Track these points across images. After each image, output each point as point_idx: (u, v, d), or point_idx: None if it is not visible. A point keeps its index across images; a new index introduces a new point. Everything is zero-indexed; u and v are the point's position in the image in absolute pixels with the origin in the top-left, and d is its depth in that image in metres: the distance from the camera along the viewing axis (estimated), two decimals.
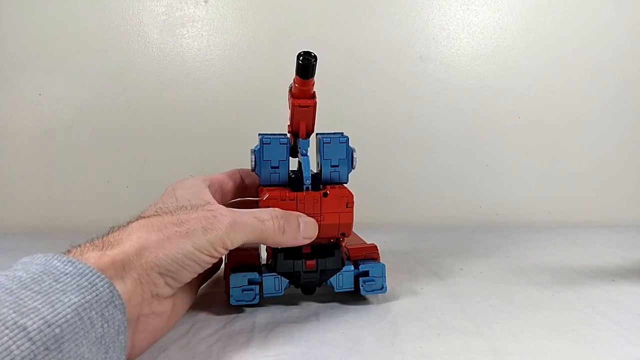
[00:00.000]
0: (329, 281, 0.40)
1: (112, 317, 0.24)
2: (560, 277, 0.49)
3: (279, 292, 0.39)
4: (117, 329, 0.24)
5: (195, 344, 0.33)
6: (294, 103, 0.37)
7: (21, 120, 0.78)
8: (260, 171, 0.39)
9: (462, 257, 0.57)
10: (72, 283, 0.23)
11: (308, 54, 0.35)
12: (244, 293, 0.38)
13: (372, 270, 0.41)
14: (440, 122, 0.82)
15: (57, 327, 0.21)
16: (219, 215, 0.31)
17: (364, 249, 0.43)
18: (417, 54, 0.81)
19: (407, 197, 0.82)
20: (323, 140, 0.39)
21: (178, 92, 0.80)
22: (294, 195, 0.38)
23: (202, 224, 0.30)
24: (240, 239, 0.32)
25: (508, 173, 0.83)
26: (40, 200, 0.78)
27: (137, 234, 0.28)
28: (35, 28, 0.77)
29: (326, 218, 0.39)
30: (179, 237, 0.29)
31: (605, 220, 0.80)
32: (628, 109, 0.83)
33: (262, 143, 0.39)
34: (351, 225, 0.40)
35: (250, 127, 0.52)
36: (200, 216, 0.31)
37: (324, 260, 0.40)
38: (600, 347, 0.32)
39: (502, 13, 0.81)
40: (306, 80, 0.36)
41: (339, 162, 0.40)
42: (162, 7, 0.79)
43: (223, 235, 0.31)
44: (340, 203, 0.39)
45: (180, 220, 0.30)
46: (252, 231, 0.33)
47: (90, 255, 0.26)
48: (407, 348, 0.32)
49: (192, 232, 0.30)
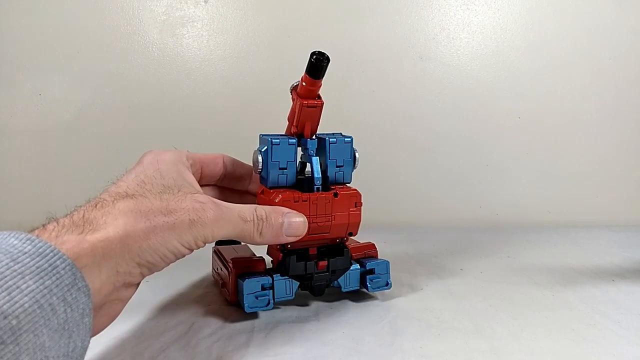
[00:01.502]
0: (337, 281, 0.41)
1: (76, 300, 0.23)
2: (560, 277, 0.49)
3: (290, 295, 0.39)
4: (81, 313, 0.23)
5: (195, 344, 0.33)
6: (302, 103, 0.37)
7: (21, 120, 0.78)
8: (268, 173, 0.38)
9: (462, 257, 0.57)
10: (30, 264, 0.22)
11: (322, 55, 0.35)
12: (258, 299, 0.38)
13: (377, 267, 0.41)
14: (440, 122, 0.82)
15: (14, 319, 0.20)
16: (207, 209, 0.31)
17: (364, 247, 0.43)
18: (417, 54, 0.81)
19: (407, 197, 0.82)
20: (329, 141, 0.39)
21: (178, 92, 0.80)
22: (307, 197, 0.38)
23: (189, 216, 0.30)
24: (221, 235, 0.32)
25: (508, 173, 0.83)
26: (40, 200, 0.78)
27: (124, 220, 0.27)
28: (35, 28, 0.77)
29: (337, 218, 0.39)
30: (166, 228, 0.28)
31: (605, 220, 0.80)
32: (628, 109, 0.83)
33: (271, 144, 0.38)
34: (359, 225, 0.40)
35: (250, 127, 0.52)
36: (189, 207, 0.30)
37: (335, 260, 0.40)
38: (600, 347, 0.32)
39: (502, 13, 0.81)
40: (316, 80, 0.36)
41: (344, 163, 0.40)
42: (162, 7, 0.79)
43: (207, 231, 0.30)
44: (349, 203, 0.39)
45: (168, 209, 0.29)
46: (234, 229, 0.32)
47: (68, 238, 0.25)
48: (407, 348, 0.32)
49: (179, 224, 0.29)
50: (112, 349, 0.32)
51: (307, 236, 0.37)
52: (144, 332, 0.35)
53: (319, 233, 0.39)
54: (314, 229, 0.38)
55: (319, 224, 0.38)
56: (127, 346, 0.32)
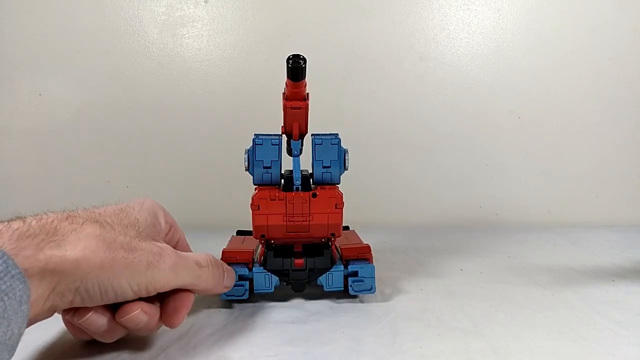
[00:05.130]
0: (319, 280, 0.41)
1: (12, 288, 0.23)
2: (560, 277, 0.49)
3: (269, 288, 0.40)
4: (19, 300, 0.23)
5: (195, 344, 0.33)
6: (286, 105, 0.38)
7: (21, 120, 0.78)
8: (253, 171, 0.40)
9: (462, 257, 0.57)
10: None
11: (297, 57, 0.35)
12: (234, 288, 0.39)
13: (361, 270, 0.41)
14: (440, 122, 0.82)
15: None
16: (166, 255, 0.31)
17: (357, 249, 0.43)
18: (417, 54, 0.81)
19: (407, 197, 0.82)
20: (315, 142, 0.40)
21: (178, 92, 0.80)
22: (283, 195, 0.39)
23: (148, 259, 0.29)
24: (176, 283, 0.31)
25: (508, 173, 0.83)
26: (40, 200, 0.78)
27: (85, 243, 0.27)
28: (35, 28, 0.77)
29: (315, 218, 0.39)
30: (122, 265, 0.28)
31: (605, 220, 0.80)
32: (628, 109, 0.83)
33: (254, 143, 0.39)
34: (340, 226, 0.40)
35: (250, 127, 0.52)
36: (148, 249, 0.30)
37: (313, 260, 0.40)
38: (600, 347, 0.32)
39: (502, 13, 0.81)
40: (297, 82, 0.36)
41: (331, 164, 0.40)
42: (162, 7, 0.79)
43: (162, 276, 0.30)
44: (329, 204, 0.39)
45: (130, 247, 0.29)
46: (189, 275, 0.32)
47: (27, 244, 0.24)
48: (407, 348, 0.32)
49: (136, 264, 0.28)
50: (112, 349, 0.32)
51: (286, 234, 0.39)
52: None
53: (297, 232, 0.40)
54: (291, 227, 0.39)
55: (296, 223, 0.39)
56: (127, 346, 0.32)
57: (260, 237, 0.40)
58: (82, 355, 0.32)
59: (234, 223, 0.54)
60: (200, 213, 0.78)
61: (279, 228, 0.40)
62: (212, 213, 0.77)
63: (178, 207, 0.80)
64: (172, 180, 0.80)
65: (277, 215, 0.39)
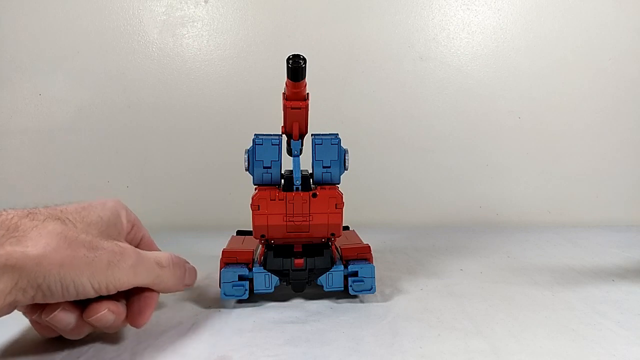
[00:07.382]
0: (319, 280, 0.41)
1: None
2: (560, 277, 0.49)
3: (269, 288, 0.40)
4: None
5: (195, 343, 0.33)
6: (286, 105, 0.38)
7: (21, 120, 0.78)
8: (253, 171, 0.40)
9: (462, 257, 0.57)
10: None
11: (297, 57, 0.35)
12: (234, 288, 0.39)
13: (361, 270, 0.41)
14: (440, 122, 0.82)
15: None
16: (127, 254, 0.31)
17: (357, 249, 0.43)
18: (417, 54, 0.81)
19: (407, 197, 0.82)
20: (315, 142, 0.40)
21: (178, 92, 0.80)
22: (283, 195, 0.39)
23: (109, 258, 0.29)
24: (136, 282, 0.32)
25: (508, 173, 0.83)
26: (40, 200, 0.78)
27: (47, 240, 0.27)
28: (35, 28, 0.77)
29: (315, 218, 0.39)
30: (83, 263, 0.28)
31: (605, 220, 0.80)
32: (628, 109, 0.83)
33: (254, 143, 0.39)
34: (340, 226, 0.40)
35: (250, 127, 0.52)
36: (110, 249, 0.30)
37: (313, 260, 0.40)
38: (600, 347, 0.32)
39: (502, 13, 0.81)
40: (297, 82, 0.36)
41: (331, 164, 0.40)
42: (162, 7, 0.79)
43: (122, 276, 0.30)
44: (329, 204, 0.39)
45: (92, 245, 0.29)
46: (149, 275, 0.32)
47: None
48: (407, 348, 0.32)
49: (97, 262, 0.29)
50: (111, 349, 0.32)
51: (286, 234, 0.39)
52: (144, 331, 0.35)
53: (297, 232, 0.40)
54: (291, 227, 0.39)
55: (296, 223, 0.39)
56: (127, 346, 0.32)
57: (260, 237, 0.40)
58: (48, 350, 0.32)
59: (234, 223, 0.54)
60: (200, 213, 0.78)
61: (279, 228, 0.40)
62: (212, 213, 0.78)
63: (178, 207, 0.81)
64: (172, 180, 0.80)
65: (277, 215, 0.39)
